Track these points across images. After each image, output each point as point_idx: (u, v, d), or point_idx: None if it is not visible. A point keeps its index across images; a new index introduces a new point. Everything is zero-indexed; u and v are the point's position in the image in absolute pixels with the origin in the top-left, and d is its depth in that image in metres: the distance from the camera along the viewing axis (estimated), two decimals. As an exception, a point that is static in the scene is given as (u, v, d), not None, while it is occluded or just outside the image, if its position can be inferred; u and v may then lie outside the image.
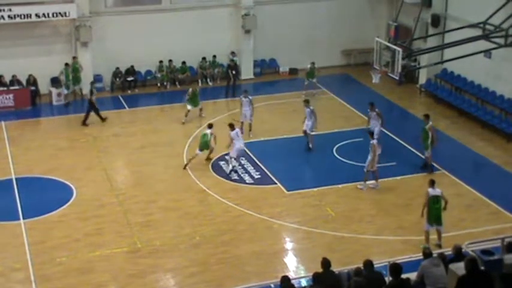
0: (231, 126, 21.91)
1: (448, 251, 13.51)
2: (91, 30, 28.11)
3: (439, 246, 17.32)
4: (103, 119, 26.01)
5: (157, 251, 17.57)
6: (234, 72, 29.18)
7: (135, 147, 23.98)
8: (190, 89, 26.14)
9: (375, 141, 20.54)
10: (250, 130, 24.42)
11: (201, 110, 26.18)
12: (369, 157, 20.33)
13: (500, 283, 9.75)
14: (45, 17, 27.33)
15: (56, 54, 28.25)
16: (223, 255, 17.33)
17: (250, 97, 24.53)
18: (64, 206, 19.80)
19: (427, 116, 21.81)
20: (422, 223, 18.76)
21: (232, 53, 30.47)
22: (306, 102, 23.63)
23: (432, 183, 17.39)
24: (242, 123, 24.29)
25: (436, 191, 17.32)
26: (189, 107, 25.83)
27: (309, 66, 28.34)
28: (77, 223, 18.92)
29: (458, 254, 12.51)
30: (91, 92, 26.10)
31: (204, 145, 22.11)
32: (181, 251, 17.64)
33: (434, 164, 22.17)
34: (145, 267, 16.87)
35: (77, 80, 28.16)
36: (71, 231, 18.46)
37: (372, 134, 21.43)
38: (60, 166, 22.33)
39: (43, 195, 20.70)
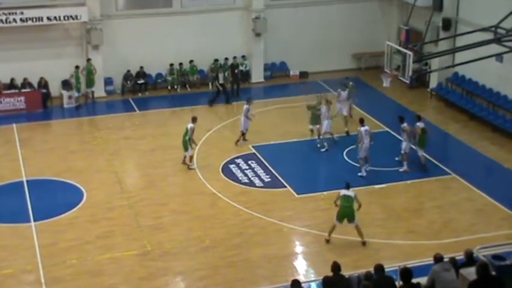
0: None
1: (459, 255, 13.44)
2: (102, 33, 28.22)
3: (363, 243, 17.62)
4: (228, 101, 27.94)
5: (167, 254, 17.58)
6: (235, 71, 29.12)
7: (146, 150, 24.03)
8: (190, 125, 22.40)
9: (362, 128, 21.42)
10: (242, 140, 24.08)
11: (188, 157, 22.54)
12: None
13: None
14: (56, 20, 27.47)
15: (67, 57, 28.37)
16: (233, 259, 17.32)
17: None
18: (74, 209, 19.85)
19: (417, 117, 22.76)
20: (433, 227, 18.78)
21: (243, 56, 30.56)
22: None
23: (347, 186, 17.87)
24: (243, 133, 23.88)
25: (349, 192, 17.74)
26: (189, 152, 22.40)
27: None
28: (88, 225, 18.97)
29: (470, 259, 12.45)
30: (224, 77, 28.22)
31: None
32: (191, 254, 17.65)
33: (445, 168, 22.17)
34: (156, 270, 16.89)
35: (90, 82, 28.29)
36: (81, 234, 18.51)
37: (401, 118, 22.38)
38: (70, 168, 22.40)
39: (54, 198, 20.81)
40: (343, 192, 17.78)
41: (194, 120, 22.45)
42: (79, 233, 18.54)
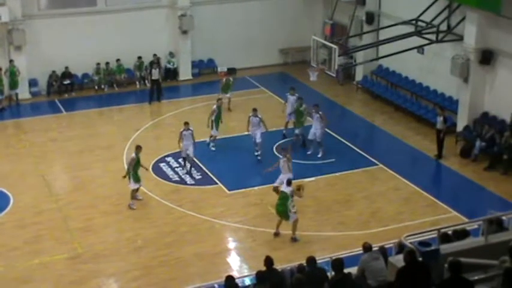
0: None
1: (388, 244, 13.80)
2: (24, 33, 27.47)
3: (292, 239, 17.77)
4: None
5: (98, 256, 17.33)
6: (157, 69, 28.77)
7: (74, 151, 23.59)
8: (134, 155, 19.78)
9: (282, 159, 19.63)
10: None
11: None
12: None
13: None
14: (-25, 21, 26.64)
15: (-12, 59, 27.57)
16: (166, 258, 17.24)
17: (191, 128, 21.70)
18: (0, 214, 19.33)
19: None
20: (362, 218, 19.19)
21: (170, 53, 30.43)
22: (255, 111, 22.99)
23: (288, 182, 17.66)
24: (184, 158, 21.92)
25: (285, 189, 17.60)
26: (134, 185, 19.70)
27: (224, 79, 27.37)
28: (15, 231, 18.50)
29: (401, 248, 12.73)
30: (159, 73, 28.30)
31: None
32: (123, 254, 17.47)
33: (372, 159, 22.67)
34: (87, 272, 16.64)
35: (14, 84, 27.55)
36: (8, 240, 18.04)
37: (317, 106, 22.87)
38: (-5, 173, 21.82)
39: (-22, 204, 20.21)
40: (282, 188, 17.79)
41: (137, 149, 19.80)
42: (6, 239, 18.06)
